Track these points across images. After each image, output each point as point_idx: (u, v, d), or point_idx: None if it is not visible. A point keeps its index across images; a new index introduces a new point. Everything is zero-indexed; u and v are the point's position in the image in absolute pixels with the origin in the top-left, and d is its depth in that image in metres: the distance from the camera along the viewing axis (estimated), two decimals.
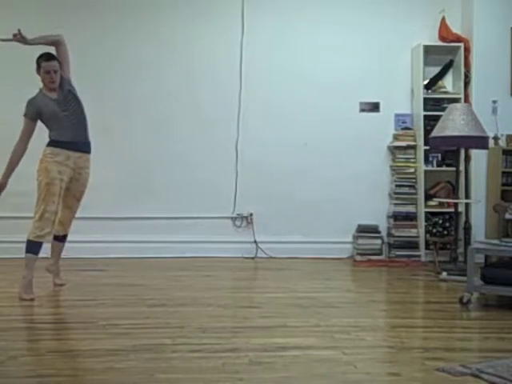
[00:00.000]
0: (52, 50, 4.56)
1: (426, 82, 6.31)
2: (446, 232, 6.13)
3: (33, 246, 4.28)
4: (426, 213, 6.18)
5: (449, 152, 6.13)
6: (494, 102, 6.15)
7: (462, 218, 5.85)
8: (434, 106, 6.25)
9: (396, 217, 6.26)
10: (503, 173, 6.01)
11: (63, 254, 5.99)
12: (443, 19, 6.28)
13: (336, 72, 6.35)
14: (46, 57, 4.40)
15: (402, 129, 6.39)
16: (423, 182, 6.19)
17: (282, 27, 6.34)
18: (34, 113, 4.43)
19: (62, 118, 4.44)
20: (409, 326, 3.67)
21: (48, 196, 4.30)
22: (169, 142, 6.28)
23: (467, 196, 6.11)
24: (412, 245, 6.18)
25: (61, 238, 4.77)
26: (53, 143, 4.47)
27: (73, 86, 4.59)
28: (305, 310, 4.02)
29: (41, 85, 4.47)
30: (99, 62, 6.24)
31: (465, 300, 4.11)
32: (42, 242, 4.32)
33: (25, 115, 4.45)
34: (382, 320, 3.93)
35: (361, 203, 6.29)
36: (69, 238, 6.04)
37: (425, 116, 6.21)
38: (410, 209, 6.27)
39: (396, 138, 6.37)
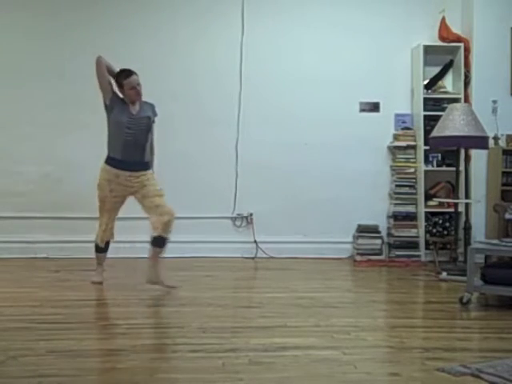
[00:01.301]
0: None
1: (426, 82, 6.31)
2: (446, 232, 6.13)
3: (98, 247, 4.70)
4: (426, 213, 6.18)
5: (449, 152, 6.13)
6: (494, 102, 6.15)
7: (462, 218, 5.85)
8: (434, 106, 6.25)
9: (396, 217, 6.25)
10: (503, 173, 6.01)
11: (63, 254, 6.03)
12: (443, 19, 6.28)
13: (336, 72, 6.34)
14: (126, 73, 4.41)
15: (402, 129, 6.39)
16: (423, 182, 6.19)
17: (281, 27, 6.34)
18: (112, 92, 4.51)
19: (121, 133, 4.47)
20: (409, 326, 3.67)
21: (101, 210, 4.60)
22: (169, 142, 6.25)
23: (467, 196, 6.11)
24: (412, 245, 6.17)
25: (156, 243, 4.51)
26: (107, 159, 4.57)
27: (155, 115, 4.64)
28: (305, 309, 4.02)
29: None
30: None
31: (465, 300, 4.11)
32: (102, 245, 4.68)
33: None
34: (382, 320, 3.93)
35: (361, 203, 6.28)
36: (69, 238, 6.10)
37: (425, 116, 6.20)
38: (410, 209, 6.27)
39: (396, 138, 6.37)
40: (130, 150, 4.48)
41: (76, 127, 6.16)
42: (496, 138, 6.07)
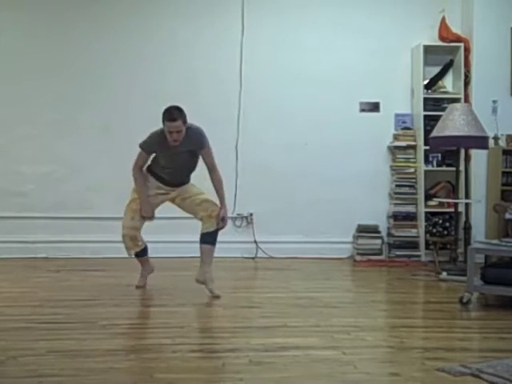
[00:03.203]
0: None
1: (426, 82, 6.31)
2: (446, 232, 6.13)
3: None
4: (426, 213, 6.18)
5: (449, 152, 6.13)
6: (494, 101, 6.15)
7: (462, 218, 5.85)
8: (434, 106, 6.25)
9: (396, 217, 6.25)
10: (503, 173, 6.01)
11: (63, 254, 6.03)
12: (443, 19, 6.28)
13: (336, 72, 6.34)
14: (167, 115, 4.16)
15: (402, 129, 6.39)
16: (423, 181, 6.18)
17: (281, 27, 6.34)
18: (151, 151, 4.38)
19: (164, 165, 4.38)
20: (409, 326, 3.67)
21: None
22: None
23: (467, 196, 6.11)
24: (412, 245, 6.17)
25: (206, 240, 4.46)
26: (151, 172, 4.47)
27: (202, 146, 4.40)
28: (305, 309, 4.02)
29: None
30: (99, 61, 6.24)
31: (465, 300, 4.11)
32: None
33: (141, 146, 4.38)
34: (382, 320, 3.93)
35: (361, 203, 6.28)
36: (69, 238, 6.10)
37: (425, 116, 6.20)
38: (410, 209, 6.27)
39: (396, 138, 6.37)
40: (172, 177, 4.44)
41: (76, 127, 6.17)
42: (496, 138, 6.07)
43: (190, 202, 4.47)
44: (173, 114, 4.14)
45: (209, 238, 4.38)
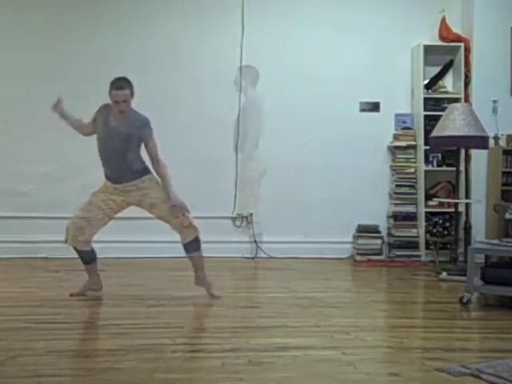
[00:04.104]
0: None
1: (426, 82, 6.31)
2: (446, 232, 6.13)
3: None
4: (426, 213, 6.18)
5: (449, 152, 6.13)
6: (494, 101, 6.15)
7: (462, 218, 5.85)
8: (434, 105, 6.25)
9: (396, 217, 6.25)
10: (503, 173, 6.01)
11: (63, 254, 6.02)
12: (443, 19, 6.28)
13: (336, 72, 6.34)
14: (116, 84, 4.13)
15: (402, 129, 6.39)
16: (423, 181, 6.18)
17: (282, 27, 6.33)
18: (95, 117, 4.37)
19: (99, 146, 4.28)
20: (409, 326, 3.67)
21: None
22: (169, 142, 6.24)
23: (467, 196, 6.11)
24: (412, 245, 6.17)
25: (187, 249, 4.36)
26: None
27: (144, 131, 4.25)
28: (305, 309, 4.02)
29: None
30: (100, 61, 6.24)
31: (465, 300, 4.11)
32: None
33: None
34: (382, 320, 3.93)
35: (361, 203, 6.28)
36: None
37: (425, 116, 6.21)
38: (410, 209, 6.26)
39: (396, 137, 6.37)
40: (109, 164, 4.29)
41: None
42: (496, 138, 6.07)
43: (160, 211, 4.26)
44: (121, 82, 4.16)
45: (193, 246, 4.28)
